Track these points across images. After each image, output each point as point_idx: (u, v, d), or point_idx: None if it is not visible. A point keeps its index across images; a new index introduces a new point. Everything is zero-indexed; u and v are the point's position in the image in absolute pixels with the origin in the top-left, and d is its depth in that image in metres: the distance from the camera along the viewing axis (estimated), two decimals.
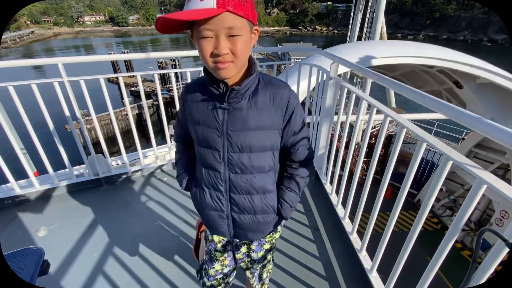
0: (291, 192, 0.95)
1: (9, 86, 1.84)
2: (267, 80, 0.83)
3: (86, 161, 2.32)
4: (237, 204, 0.91)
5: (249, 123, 0.81)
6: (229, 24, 0.66)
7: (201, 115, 0.84)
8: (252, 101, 0.81)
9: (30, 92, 1.90)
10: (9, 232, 1.92)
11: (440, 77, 8.07)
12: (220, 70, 0.71)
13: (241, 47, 0.70)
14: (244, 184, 0.88)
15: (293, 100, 0.84)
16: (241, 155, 0.84)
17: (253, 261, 1.07)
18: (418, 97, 1.05)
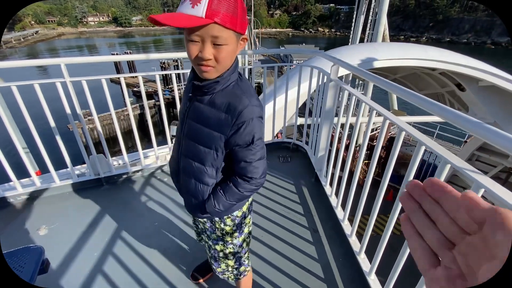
0: (221, 194, 0.97)
1: (12, 86, 1.86)
2: (237, 87, 0.88)
3: (88, 161, 2.34)
4: (182, 181, 1.04)
5: (200, 116, 0.90)
6: (215, 34, 0.71)
7: (183, 98, 0.99)
8: (211, 99, 0.88)
9: (33, 91, 1.92)
10: (10, 231, 1.94)
11: (442, 79, 8.05)
12: (203, 73, 0.80)
13: (224, 55, 0.76)
14: (187, 166, 0.99)
15: (247, 114, 0.84)
16: (189, 141, 0.96)
17: (207, 236, 1.17)
18: (416, 100, 1.06)
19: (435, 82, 8.53)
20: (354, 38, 13.23)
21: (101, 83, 2.10)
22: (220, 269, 1.22)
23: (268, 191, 2.34)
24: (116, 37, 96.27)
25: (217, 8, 0.68)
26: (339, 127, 2.01)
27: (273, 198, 2.27)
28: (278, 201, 2.23)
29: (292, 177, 2.55)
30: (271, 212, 2.11)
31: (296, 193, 2.33)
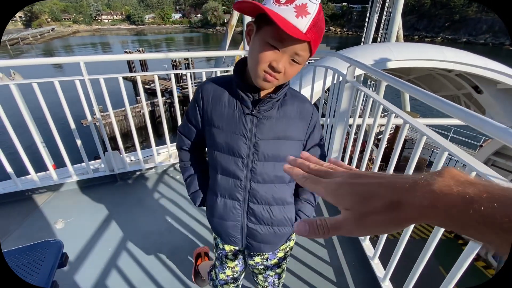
0: (308, 204, 0.94)
1: (33, 83, 1.91)
2: (292, 92, 0.85)
3: (103, 157, 2.39)
4: (255, 214, 0.87)
5: (277, 132, 0.81)
6: (299, 52, 0.66)
7: (225, 119, 0.80)
8: (281, 111, 0.81)
9: (48, 88, 1.97)
10: (28, 223, 2.00)
11: (458, 81, 7.83)
12: (264, 82, 0.70)
13: (294, 72, 0.71)
14: (265, 194, 0.85)
15: (315, 115, 0.88)
16: (265, 164, 0.82)
17: (266, 267, 1.04)
18: (438, 103, 1.02)
19: (451, 84, 8.31)
20: (367, 38, 13.02)
21: (114, 81, 2.13)
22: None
23: None
24: (129, 35, 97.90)
25: (315, 28, 0.63)
26: (354, 129, 1.98)
27: None
28: None
29: None
30: None
31: None
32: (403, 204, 0.24)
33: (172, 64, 23.10)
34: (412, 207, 0.24)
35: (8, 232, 1.91)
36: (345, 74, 1.99)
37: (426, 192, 0.23)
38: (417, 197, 0.23)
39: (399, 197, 0.24)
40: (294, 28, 0.60)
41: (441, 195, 0.22)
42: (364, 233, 0.28)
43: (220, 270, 1.07)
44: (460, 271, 1.00)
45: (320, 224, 0.29)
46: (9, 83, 1.89)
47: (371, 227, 0.26)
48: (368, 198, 0.26)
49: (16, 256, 1.20)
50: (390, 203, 0.25)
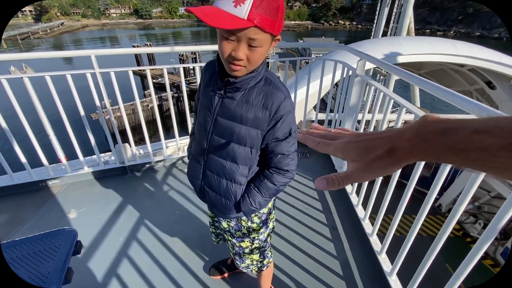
0: (257, 192, 0.97)
1: (46, 76, 1.95)
2: (269, 81, 0.87)
3: (113, 149, 2.43)
4: (208, 180, 1.00)
5: (235, 114, 0.87)
6: (252, 36, 0.69)
7: (204, 95, 0.94)
8: (245, 96, 0.86)
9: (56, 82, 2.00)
10: (42, 213, 2.06)
11: (471, 76, 7.63)
12: (232, 71, 0.78)
13: (257, 57, 0.75)
14: (217, 166, 0.96)
15: (285, 106, 0.86)
16: (220, 140, 0.92)
17: (231, 235, 1.16)
18: (453, 98, 1.00)
19: (463, 79, 8.10)
20: (377, 32, 12.75)
21: (122, 74, 2.15)
22: (244, 264, 1.22)
23: (287, 187, 2.33)
24: (137, 29, 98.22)
25: (259, 11, 0.66)
26: (363, 124, 1.97)
27: (291, 193, 2.27)
28: (297, 197, 2.23)
29: (310, 173, 2.53)
30: (290, 207, 2.12)
31: (315, 189, 2.32)
32: (395, 149, 0.31)
33: (179, 59, 23.15)
34: (401, 150, 0.30)
35: (23, 221, 1.97)
36: (355, 68, 1.97)
37: (409, 137, 0.30)
38: (403, 142, 0.30)
39: (392, 144, 0.31)
40: (232, 19, 0.65)
41: (418, 136, 0.29)
42: (370, 176, 0.34)
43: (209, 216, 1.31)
44: (468, 268, 1.00)
45: (335, 177, 0.35)
46: (23, 76, 1.93)
47: (376, 170, 0.33)
48: (370, 149, 0.33)
49: (32, 243, 1.25)
50: (387, 150, 0.31)
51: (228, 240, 1.21)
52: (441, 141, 0.27)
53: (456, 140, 0.26)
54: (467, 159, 0.25)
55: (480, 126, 0.25)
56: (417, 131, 0.29)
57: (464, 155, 0.25)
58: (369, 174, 0.33)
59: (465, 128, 0.26)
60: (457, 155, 0.26)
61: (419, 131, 0.29)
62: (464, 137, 0.25)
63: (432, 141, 0.28)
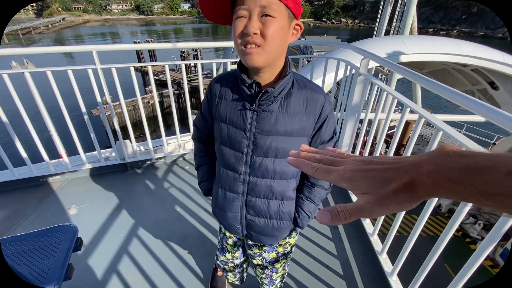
0: (310, 202, 0.92)
1: (47, 71, 1.94)
2: (301, 82, 0.79)
3: (114, 146, 2.43)
4: (253, 206, 0.88)
5: (278, 127, 0.77)
6: (263, 2, 0.62)
7: (228, 113, 0.80)
8: (284, 104, 0.76)
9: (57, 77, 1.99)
10: (43, 208, 2.06)
11: (474, 76, 7.59)
12: (247, 55, 0.66)
13: (273, 31, 0.64)
14: (264, 188, 0.85)
15: (327, 107, 0.80)
16: (265, 159, 0.81)
17: (264, 260, 1.06)
18: (458, 98, 0.99)
19: (466, 79, 8.07)
20: (379, 30, 12.68)
21: (123, 71, 2.13)
22: (274, 286, 1.15)
23: None
24: (138, 25, 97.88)
25: None
26: (365, 123, 1.95)
27: None
28: None
29: None
30: None
31: None
32: (413, 184, 0.27)
33: (180, 56, 23.07)
34: (421, 187, 0.27)
35: (24, 216, 1.97)
36: (358, 67, 1.95)
37: (429, 172, 0.26)
38: (423, 177, 0.27)
39: (409, 178, 0.28)
40: None
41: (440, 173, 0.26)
42: (383, 213, 0.30)
43: (221, 252, 1.14)
44: (470, 272, 0.99)
45: (341, 210, 0.31)
46: (24, 71, 1.92)
47: (390, 206, 0.29)
48: (385, 181, 0.29)
49: (33, 239, 1.25)
50: (405, 184, 0.28)
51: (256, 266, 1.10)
52: (471, 182, 0.23)
53: (489, 183, 0.22)
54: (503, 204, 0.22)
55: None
56: (437, 166, 0.26)
57: (499, 201, 0.22)
58: (383, 209, 0.29)
59: (498, 169, 0.22)
60: (491, 200, 0.23)
61: (439, 166, 0.26)
62: (499, 180, 0.22)
63: (460, 182, 0.24)
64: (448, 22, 78.31)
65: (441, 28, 77.10)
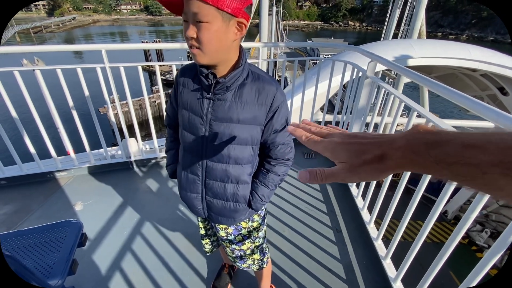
0: (264, 187, 0.97)
1: (57, 69, 1.98)
2: (256, 74, 0.84)
3: (120, 144, 2.45)
4: (211, 189, 0.95)
5: (231, 115, 0.83)
6: (194, 10, 0.66)
7: (189, 101, 0.87)
8: (237, 94, 0.82)
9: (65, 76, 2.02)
10: (50, 203, 2.09)
11: (483, 82, 7.47)
12: (193, 55, 0.74)
13: (207, 36, 0.69)
14: (219, 172, 0.91)
15: (278, 97, 0.84)
16: (220, 144, 0.87)
17: (230, 242, 1.12)
18: (468, 103, 0.97)
19: (475, 84, 7.94)
20: (387, 34, 12.59)
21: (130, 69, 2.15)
22: (245, 265, 1.20)
23: (292, 187, 2.32)
24: (147, 25, 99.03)
25: None
26: (372, 126, 1.94)
27: (296, 194, 2.25)
28: (301, 198, 2.21)
29: None
30: (294, 208, 2.10)
31: (320, 191, 2.30)
32: (384, 156, 0.30)
33: (187, 56, 23.25)
34: (390, 159, 0.30)
35: (31, 211, 2.01)
36: (365, 70, 1.94)
37: (399, 146, 0.29)
38: (393, 150, 0.30)
39: (382, 151, 0.30)
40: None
41: (408, 146, 0.28)
42: (354, 179, 0.34)
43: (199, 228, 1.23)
44: (476, 280, 0.97)
45: (319, 172, 0.35)
46: (35, 68, 1.96)
47: (361, 174, 0.32)
48: (360, 153, 0.32)
49: (39, 233, 1.26)
50: (377, 156, 0.31)
51: (226, 247, 1.17)
52: (431, 153, 0.26)
53: (446, 153, 0.25)
54: (456, 173, 0.25)
55: (473, 140, 0.24)
56: (407, 141, 0.29)
57: (453, 170, 0.25)
58: (354, 176, 0.33)
59: (456, 142, 0.25)
60: (445, 169, 0.25)
61: (409, 141, 0.29)
62: (454, 150, 0.25)
63: (421, 153, 0.27)
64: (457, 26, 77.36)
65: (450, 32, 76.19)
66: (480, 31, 72.43)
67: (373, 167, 0.31)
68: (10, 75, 1.90)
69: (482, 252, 6.83)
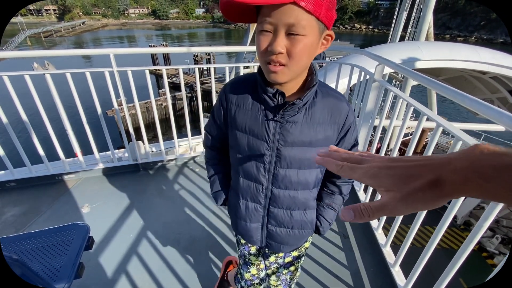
0: (331, 209, 0.91)
1: (67, 73, 2.01)
2: (325, 91, 0.75)
3: (127, 146, 2.47)
4: (275, 217, 0.86)
5: (302, 138, 0.74)
6: (291, 20, 0.55)
7: (248, 123, 0.75)
8: (308, 114, 0.72)
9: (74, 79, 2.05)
10: (58, 206, 2.11)
11: (493, 84, 7.34)
12: (271, 73, 0.62)
13: (301, 50, 0.58)
14: (286, 199, 0.82)
15: (351, 116, 0.77)
16: (288, 170, 0.78)
17: (279, 266, 1.04)
18: (478, 106, 0.95)
19: (485, 86, 7.80)
20: (394, 36, 12.52)
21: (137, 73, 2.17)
22: None
23: None
24: (154, 29, 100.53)
25: None
26: (380, 130, 1.91)
27: None
28: None
29: None
30: None
31: None
32: (440, 181, 0.26)
33: (194, 59, 23.47)
34: (448, 184, 0.26)
35: (39, 212, 2.03)
36: (373, 73, 1.92)
37: (458, 169, 0.26)
38: (451, 174, 0.26)
39: (436, 175, 0.27)
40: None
41: (472, 169, 0.25)
42: (407, 211, 0.30)
43: (244, 269, 1.05)
44: None
45: (365, 208, 0.31)
46: (45, 72, 1.99)
47: (415, 204, 0.28)
48: (410, 178, 0.28)
49: (47, 236, 1.27)
50: (431, 181, 0.27)
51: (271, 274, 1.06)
52: (504, 179, 0.23)
53: None
54: None
55: None
56: (469, 163, 0.25)
57: None
58: (407, 207, 0.29)
59: None
60: None
61: (473, 163, 0.25)
62: None
63: (491, 179, 0.23)
64: (466, 28, 76.35)
65: (458, 35, 75.21)
66: (489, 33, 71.32)
67: (428, 195, 0.27)
68: (21, 78, 1.94)
69: (493, 259, 6.65)
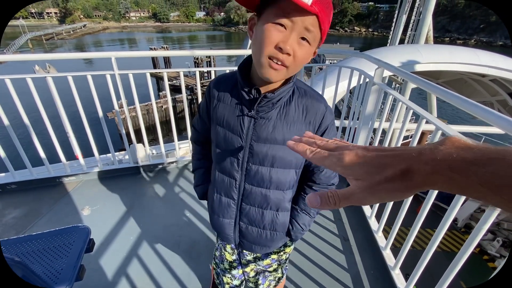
0: (306, 214, 0.89)
1: (68, 76, 2.02)
2: (302, 90, 0.75)
3: (128, 149, 2.48)
4: (247, 214, 0.86)
5: (275, 135, 0.74)
6: (309, 26, 0.57)
7: (226, 117, 0.77)
8: (282, 112, 0.73)
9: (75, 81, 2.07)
10: (58, 208, 2.12)
11: (492, 87, 7.36)
12: (269, 70, 0.61)
13: (303, 56, 0.61)
14: (258, 197, 0.82)
15: (328, 117, 0.76)
16: (261, 167, 0.78)
17: (257, 266, 1.04)
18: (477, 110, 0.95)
19: (484, 89, 7.82)
20: (393, 39, 12.55)
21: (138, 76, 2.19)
22: (266, 284, 1.10)
23: None
24: (155, 32, 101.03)
25: (321, 2, 0.55)
26: (379, 133, 1.92)
27: None
28: None
29: None
30: None
31: None
32: (411, 171, 0.26)
33: (194, 62, 23.56)
34: (418, 174, 0.26)
35: (40, 214, 2.03)
36: (372, 76, 1.93)
37: (429, 160, 0.25)
38: (421, 165, 0.26)
39: (407, 165, 0.26)
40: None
41: (442, 161, 0.25)
42: (374, 201, 0.29)
43: (219, 260, 1.09)
44: None
45: (331, 195, 0.30)
46: (46, 75, 2.01)
47: (381, 194, 0.28)
48: (380, 168, 0.28)
49: (48, 238, 1.28)
50: (400, 171, 0.27)
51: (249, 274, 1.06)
52: (474, 172, 0.23)
53: (495, 174, 0.21)
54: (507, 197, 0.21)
55: None
56: (443, 155, 0.25)
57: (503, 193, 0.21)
58: (374, 197, 0.28)
59: (506, 161, 0.21)
60: (493, 192, 0.22)
61: (445, 155, 0.25)
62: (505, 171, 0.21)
63: (462, 171, 0.23)
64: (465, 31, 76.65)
65: (458, 38, 75.51)
66: (488, 36, 71.58)
67: (396, 185, 0.27)
68: (22, 81, 1.95)
69: (494, 262, 6.62)
